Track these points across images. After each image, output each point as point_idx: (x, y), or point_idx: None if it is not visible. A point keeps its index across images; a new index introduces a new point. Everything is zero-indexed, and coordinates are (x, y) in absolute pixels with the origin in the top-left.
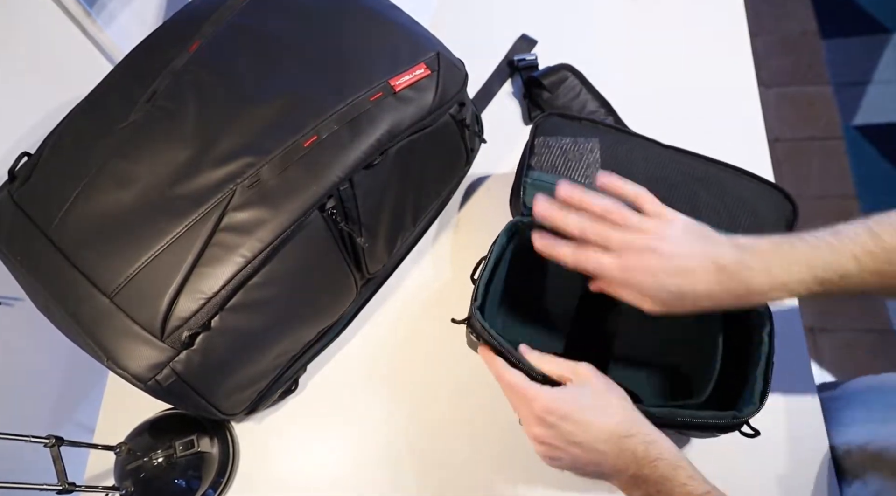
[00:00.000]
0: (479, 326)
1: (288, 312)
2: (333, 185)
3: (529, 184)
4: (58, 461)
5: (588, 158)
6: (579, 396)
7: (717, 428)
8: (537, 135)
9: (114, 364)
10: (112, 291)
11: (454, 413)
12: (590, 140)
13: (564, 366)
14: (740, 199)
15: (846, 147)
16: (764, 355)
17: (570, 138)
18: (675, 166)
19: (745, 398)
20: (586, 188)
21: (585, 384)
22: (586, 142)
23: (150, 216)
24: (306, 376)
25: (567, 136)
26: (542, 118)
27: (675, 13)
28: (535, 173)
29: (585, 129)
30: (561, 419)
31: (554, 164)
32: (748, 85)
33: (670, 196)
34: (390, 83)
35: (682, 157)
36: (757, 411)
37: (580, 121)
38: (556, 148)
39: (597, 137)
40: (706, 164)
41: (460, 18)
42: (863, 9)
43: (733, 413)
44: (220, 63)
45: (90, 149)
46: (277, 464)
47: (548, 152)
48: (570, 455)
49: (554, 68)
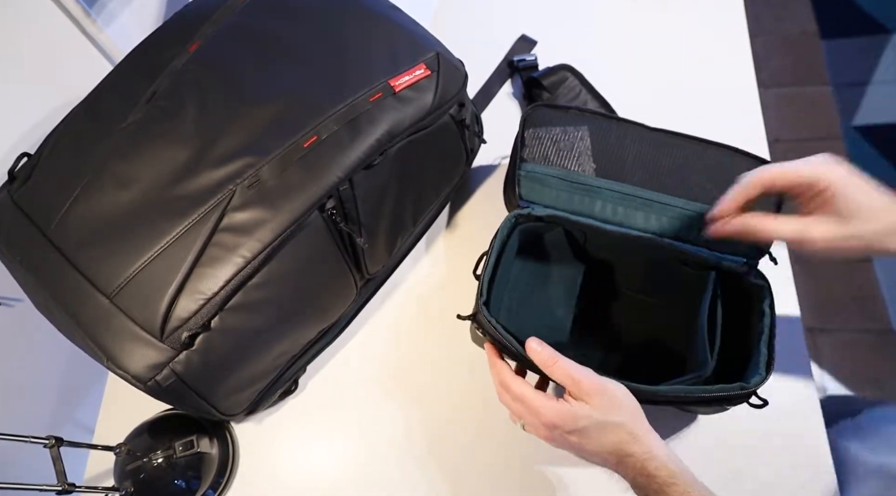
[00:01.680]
0: (486, 322)
1: (288, 313)
2: (333, 185)
3: (524, 176)
4: (57, 461)
5: (579, 147)
6: (582, 416)
7: (726, 400)
8: (527, 127)
9: (113, 364)
10: (112, 292)
11: (455, 412)
12: (579, 128)
13: (567, 376)
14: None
15: (846, 147)
16: (767, 327)
17: (560, 128)
18: (665, 149)
19: (752, 369)
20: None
21: (590, 401)
22: (576, 130)
23: (150, 216)
24: (306, 377)
25: (556, 126)
26: (530, 110)
27: (675, 14)
28: (529, 165)
29: (574, 118)
30: (564, 433)
31: (546, 154)
32: (748, 85)
33: (662, 180)
34: (390, 83)
35: (671, 138)
36: (764, 381)
37: (567, 110)
38: (547, 138)
39: (585, 125)
40: (695, 144)
41: (460, 18)
42: (863, 9)
43: (740, 384)
44: (220, 63)
45: (90, 149)
46: (277, 465)
47: (539, 144)
48: (575, 451)
49: (554, 69)
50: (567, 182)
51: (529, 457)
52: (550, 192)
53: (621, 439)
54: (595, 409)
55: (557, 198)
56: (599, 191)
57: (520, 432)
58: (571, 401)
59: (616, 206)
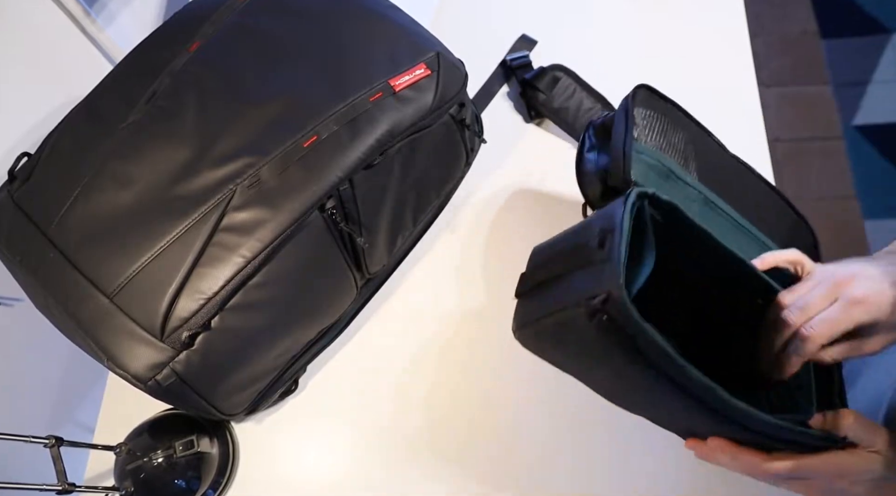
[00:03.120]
0: (627, 317)
1: (288, 312)
2: (333, 185)
3: (636, 158)
4: (58, 461)
5: (680, 147)
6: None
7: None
8: (636, 105)
9: (114, 364)
10: (112, 291)
11: (455, 412)
12: (677, 128)
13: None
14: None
15: (846, 147)
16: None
17: (667, 119)
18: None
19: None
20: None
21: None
22: (673, 128)
23: (150, 216)
24: (306, 376)
25: (662, 115)
26: (638, 88)
27: (675, 14)
28: (641, 146)
29: (674, 114)
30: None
31: (658, 142)
32: (748, 85)
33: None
34: (390, 83)
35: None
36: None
37: (667, 102)
38: (658, 126)
39: (681, 127)
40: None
41: (460, 18)
42: (862, 9)
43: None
44: (220, 63)
45: (90, 149)
46: (277, 465)
47: (649, 128)
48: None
49: (545, 69)
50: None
51: (530, 457)
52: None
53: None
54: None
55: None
56: (716, 208)
57: (524, 431)
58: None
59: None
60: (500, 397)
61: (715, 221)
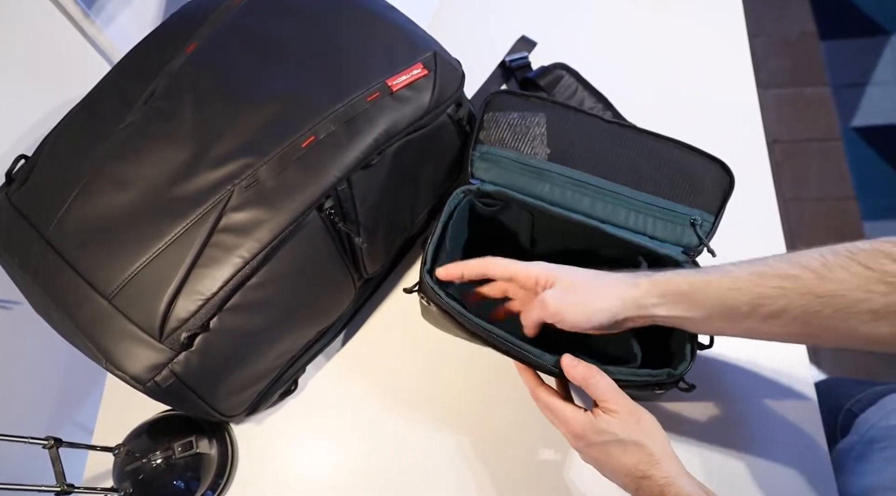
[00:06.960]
0: (430, 289)
1: (286, 313)
2: (331, 185)
3: (477, 157)
4: (56, 462)
5: (534, 132)
6: (606, 431)
7: (656, 384)
8: (486, 110)
9: (112, 366)
10: (110, 293)
11: (454, 412)
12: (536, 115)
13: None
14: (680, 169)
15: (845, 148)
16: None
17: (518, 113)
18: (620, 141)
19: (678, 358)
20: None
21: (617, 417)
22: (533, 116)
23: (148, 217)
24: (305, 377)
25: (515, 111)
26: (492, 95)
27: (674, 14)
28: (484, 147)
29: (533, 106)
30: (587, 445)
31: (502, 137)
32: (747, 86)
33: (613, 168)
34: (387, 83)
35: (625, 131)
36: (689, 367)
37: (528, 97)
38: (504, 123)
39: (543, 112)
40: (648, 138)
41: (460, 19)
42: (862, 10)
43: (668, 370)
44: (218, 64)
45: (88, 151)
46: (276, 466)
47: (496, 127)
48: (598, 467)
49: (549, 68)
50: (519, 164)
51: (531, 457)
52: (502, 173)
53: (641, 460)
54: (620, 426)
55: (509, 178)
56: (549, 174)
57: (521, 431)
58: (599, 414)
59: (564, 190)
60: (500, 396)
61: (573, 198)
